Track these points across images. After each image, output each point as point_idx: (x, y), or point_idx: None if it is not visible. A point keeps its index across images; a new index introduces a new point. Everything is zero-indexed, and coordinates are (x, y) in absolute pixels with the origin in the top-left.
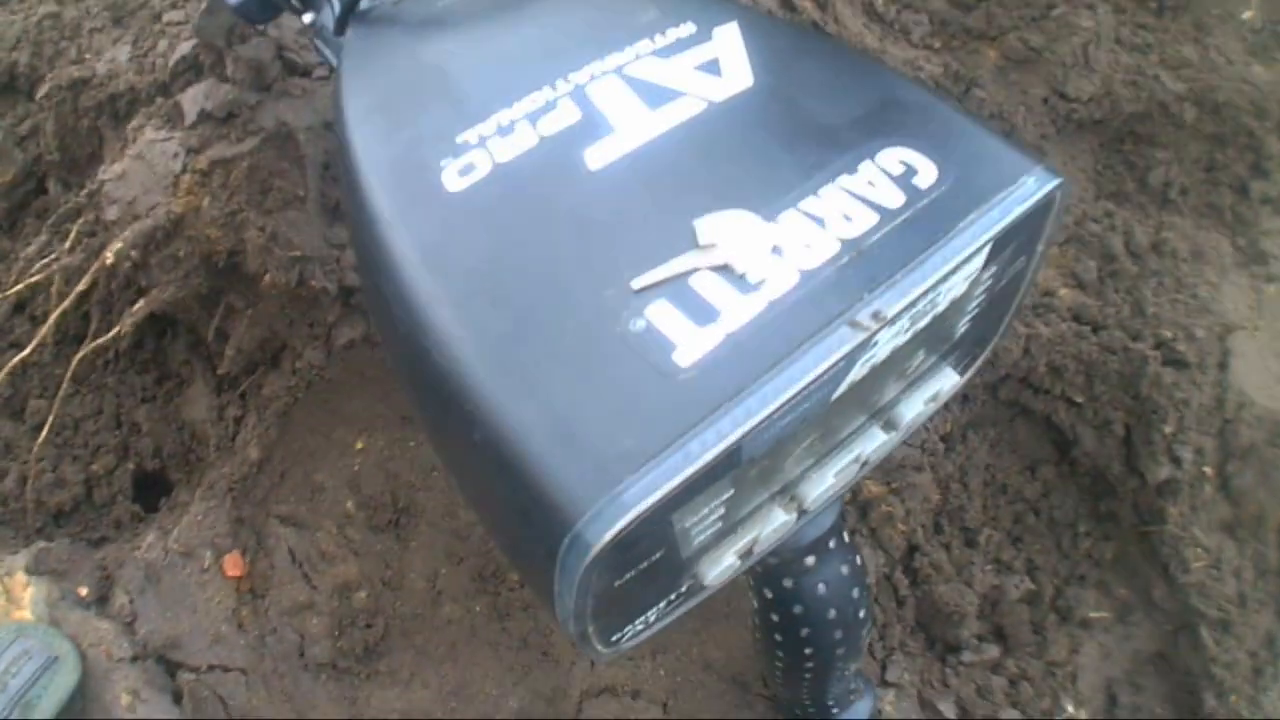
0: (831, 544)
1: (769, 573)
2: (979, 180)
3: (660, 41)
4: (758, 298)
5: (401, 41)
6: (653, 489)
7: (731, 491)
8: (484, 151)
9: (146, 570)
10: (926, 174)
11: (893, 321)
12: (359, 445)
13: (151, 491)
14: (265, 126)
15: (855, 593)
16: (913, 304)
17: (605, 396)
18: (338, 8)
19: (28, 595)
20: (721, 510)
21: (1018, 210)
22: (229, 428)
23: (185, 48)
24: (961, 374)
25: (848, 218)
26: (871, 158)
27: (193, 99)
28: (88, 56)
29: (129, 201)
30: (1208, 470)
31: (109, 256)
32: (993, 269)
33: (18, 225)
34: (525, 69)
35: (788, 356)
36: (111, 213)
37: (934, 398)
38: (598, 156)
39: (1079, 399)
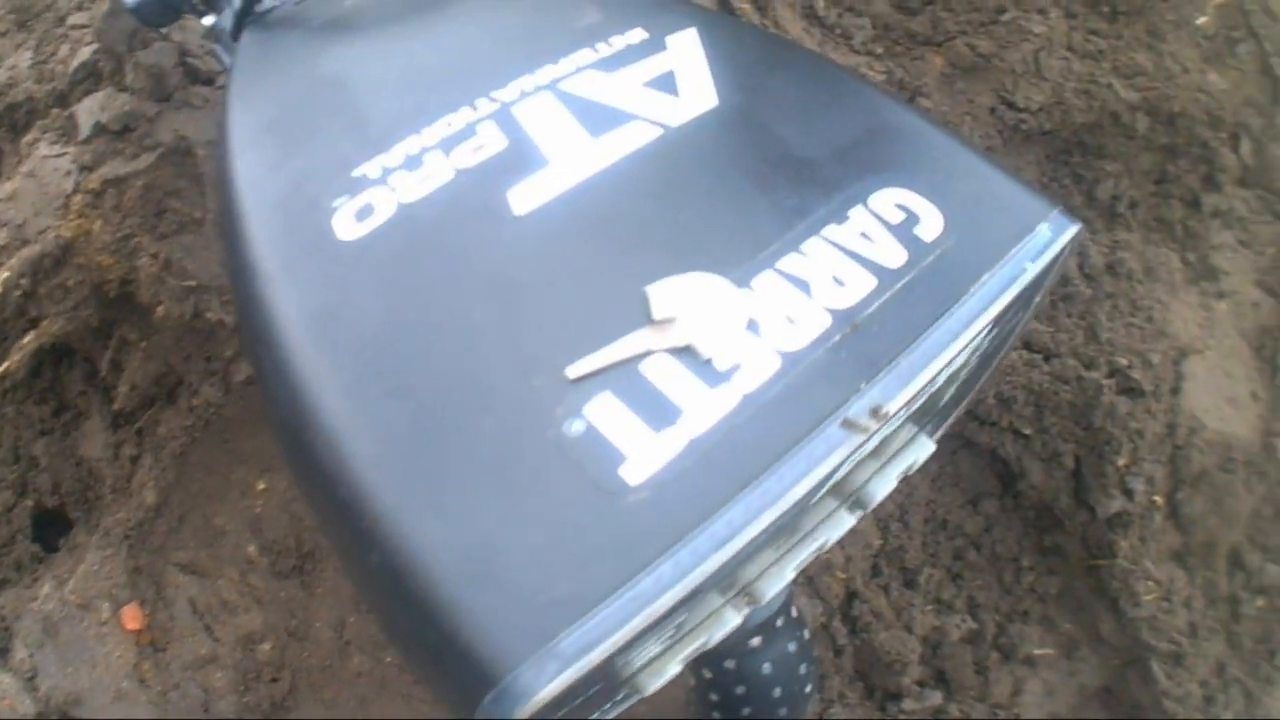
0: (779, 623)
1: (709, 654)
2: (989, 230)
3: (604, 51)
4: (729, 391)
5: (300, 49)
6: (596, 642)
7: (685, 616)
8: (386, 189)
9: (44, 623)
10: (930, 223)
11: (895, 415)
12: (260, 486)
13: (52, 529)
14: (163, 141)
15: (802, 669)
16: (919, 391)
17: (535, 521)
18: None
19: None
20: (670, 632)
21: (1035, 268)
22: (125, 467)
23: (86, 53)
24: (934, 438)
25: (839, 281)
26: (864, 201)
27: (88, 111)
28: None
29: (19, 225)
30: (1157, 499)
31: None
32: (994, 331)
33: None
34: (440, 84)
35: (766, 470)
36: (0, 237)
37: (908, 469)
38: (527, 197)
39: (1027, 431)
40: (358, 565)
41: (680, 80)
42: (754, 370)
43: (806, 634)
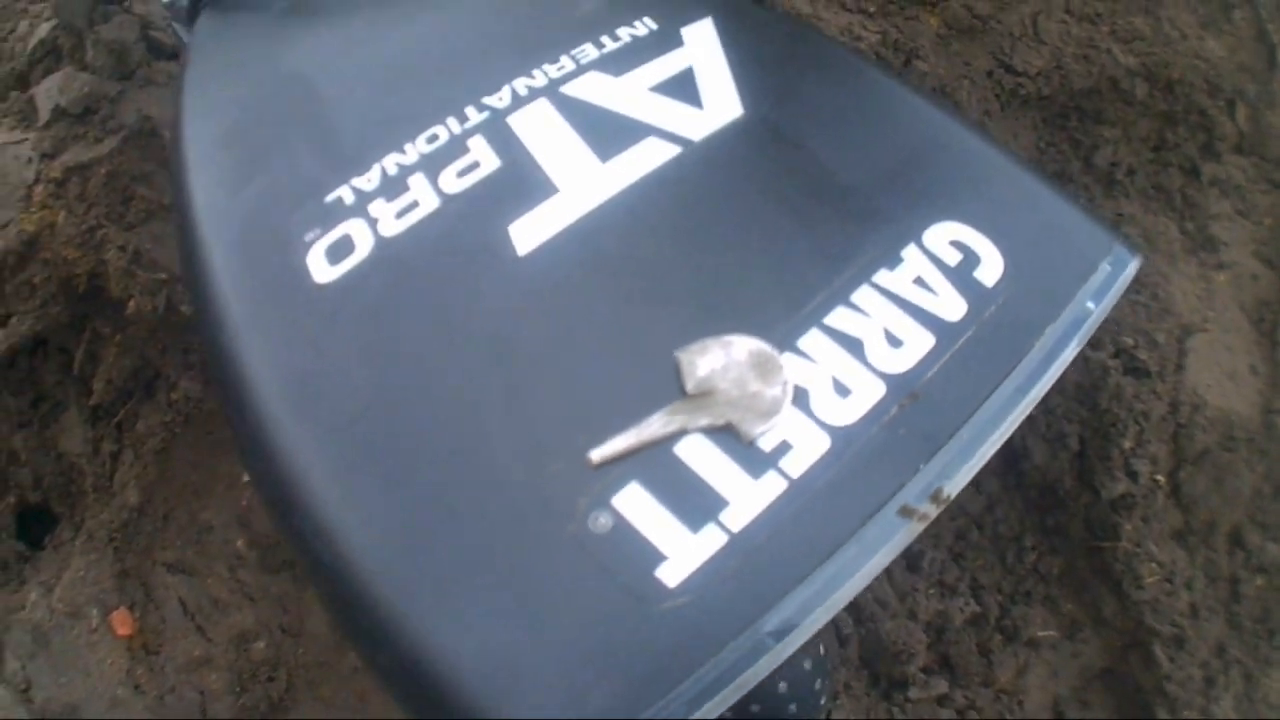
0: None
1: None
2: (1051, 271)
3: (608, 46)
4: (775, 478)
5: (262, 37)
6: None
7: None
8: (363, 222)
9: (34, 632)
10: (990, 265)
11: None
12: (246, 478)
13: (37, 525)
14: (126, 123)
15: (818, 684)
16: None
17: (561, 630)
18: None
19: None
20: None
21: (1098, 312)
22: (106, 464)
23: (44, 30)
24: None
25: (894, 341)
26: (917, 240)
27: (47, 93)
28: None
29: None
30: (1160, 478)
31: None
32: None
33: None
34: (421, 86)
35: (816, 568)
36: None
37: None
38: (530, 233)
39: (1032, 411)
40: (371, 659)
41: (701, 82)
42: (802, 452)
43: (822, 649)
